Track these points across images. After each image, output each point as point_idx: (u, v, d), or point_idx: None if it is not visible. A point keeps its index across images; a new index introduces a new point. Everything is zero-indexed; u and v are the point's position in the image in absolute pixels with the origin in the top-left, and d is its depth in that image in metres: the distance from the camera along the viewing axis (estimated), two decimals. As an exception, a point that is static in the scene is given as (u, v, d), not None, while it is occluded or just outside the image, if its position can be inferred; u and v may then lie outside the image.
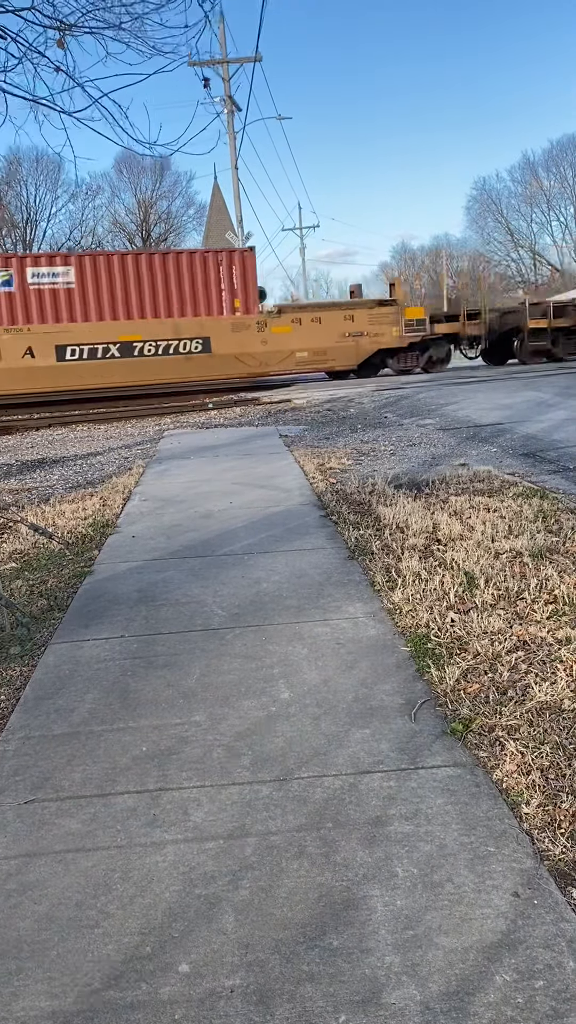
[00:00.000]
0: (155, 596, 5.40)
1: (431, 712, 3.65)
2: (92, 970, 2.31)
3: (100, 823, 2.99)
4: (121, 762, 3.39)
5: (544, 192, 72.36)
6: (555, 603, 4.77)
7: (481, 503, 7.25)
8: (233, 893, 2.58)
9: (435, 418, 14.21)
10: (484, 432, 12.21)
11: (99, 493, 9.10)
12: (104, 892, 2.63)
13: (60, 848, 2.86)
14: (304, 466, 9.82)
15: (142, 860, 2.77)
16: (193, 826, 2.94)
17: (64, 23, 6.75)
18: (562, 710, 3.58)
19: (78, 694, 4.04)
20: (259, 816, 2.97)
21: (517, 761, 3.20)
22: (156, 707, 3.85)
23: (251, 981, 2.23)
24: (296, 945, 2.35)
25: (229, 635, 4.66)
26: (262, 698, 3.87)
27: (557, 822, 2.84)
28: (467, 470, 9.07)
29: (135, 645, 4.60)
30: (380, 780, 3.15)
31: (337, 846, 2.78)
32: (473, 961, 2.26)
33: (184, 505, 8.16)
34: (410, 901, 2.50)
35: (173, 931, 2.44)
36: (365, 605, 4.99)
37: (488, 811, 2.93)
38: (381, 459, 10.42)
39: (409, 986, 2.18)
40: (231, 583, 5.58)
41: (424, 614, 4.69)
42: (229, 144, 34.26)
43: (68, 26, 6.76)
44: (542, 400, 15.57)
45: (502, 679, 3.90)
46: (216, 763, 3.34)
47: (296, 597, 5.21)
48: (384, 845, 2.77)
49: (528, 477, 8.70)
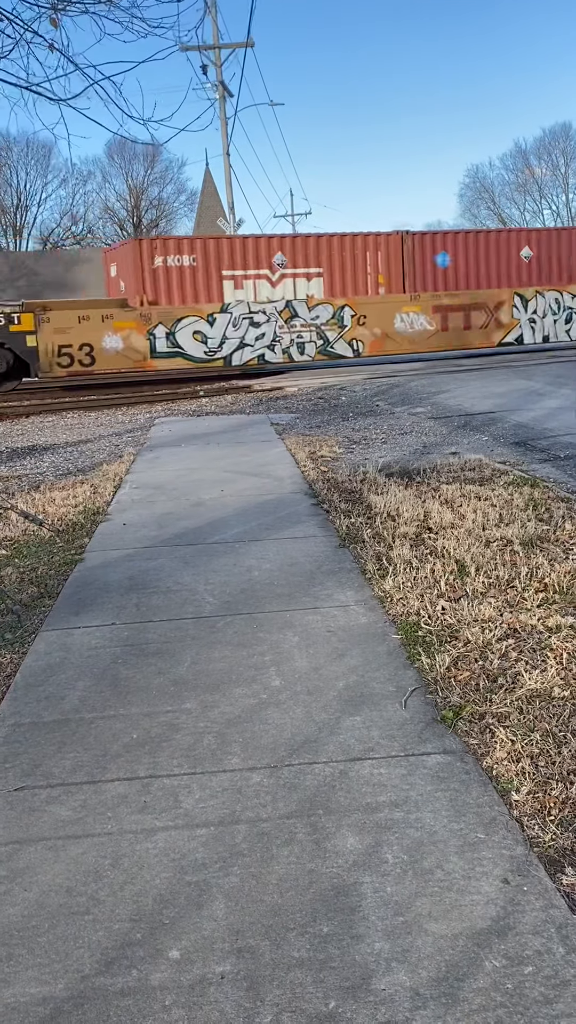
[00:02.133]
0: (146, 584, 5.39)
1: (422, 700, 3.66)
2: (82, 956, 2.31)
3: (90, 810, 2.99)
4: (112, 749, 3.39)
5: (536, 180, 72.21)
6: (545, 591, 4.78)
7: (472, 491, 7.26)
8: (223, 880, 2.59)
9: (427, 406, 14.20)
10: (476, 420, 12.21)
11: (90, 480, 9.07)
12: (94, 879, 2.63)
13: (50, 835, 2.86)
14: (295, 454, 9.81)
15: (132, 847, 2.77)
16: (184, 813, 2.94)
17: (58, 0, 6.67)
18: (552, 698, 3.59)
19: (68, 681, 4.03)
20: (249, 803, 2.97)
21: (507, 748, 3.21)
22: (147, 694, 3.85)
23: (241, 967, 2.23)
24: (286, 931, 2.35)
25: (220, 623, 4.66)
26: (253, 686, 3.87)
27: (547, 809, 2.85)
28: (458, 458, 9.08)
29: (126, 633, 4.60)
30: (371, 767, 3.15)
31: (327, 833, 2.78)
32: (463, 947, 2.27)
33: (175, 493, 8.14)
34: (400, 888, 2.51)
35: (163, 917, 2.44)
36: (356, 593, 4.99)
37: (478, 798, 2.93)
38: (372, 447, 10.42)
39: (399, 972, 2.19)
40: (222, 571, 5.57)
41: (415, 602, 4.69)
42: (221, 130, 34.06)
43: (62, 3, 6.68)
44: (534, 389, 15.58)
45: (492, 667, 3.91)
46: (207, 750, 3.34)
47: (287, 585, 5.21)
48: (374, 832, 2.77)
49: (519, 466, 8.71)
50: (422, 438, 10.94)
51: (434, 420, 12.54)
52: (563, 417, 12.01)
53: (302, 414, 14.28)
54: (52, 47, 6.83)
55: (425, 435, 11.17)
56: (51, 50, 6.83)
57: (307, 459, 9.43)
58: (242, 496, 7.79)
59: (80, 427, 14.97)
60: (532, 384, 16.36)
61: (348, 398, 16.32)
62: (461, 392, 15.85)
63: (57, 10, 6.71)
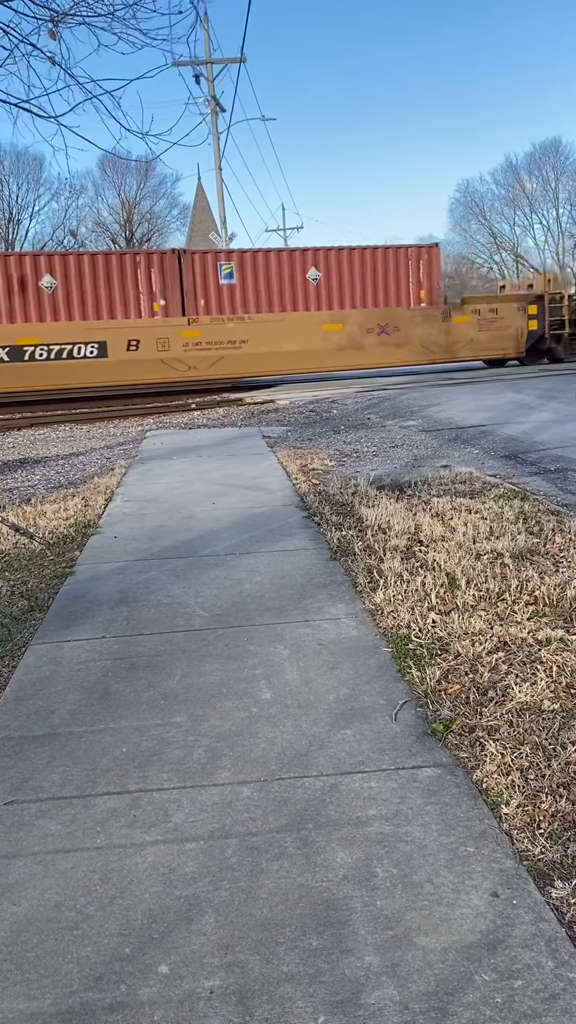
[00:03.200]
0: (137, 597, 5.39)
1: (412, 713, 3.66)
2: (71, 971, 2.30)
3: (80, 824, 2.98)
4: (101, 763, 3.38)
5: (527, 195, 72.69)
6: (535, 604, 4.79)
7: (463, 504, 7.28)
8: (213, 894, 2.58)
9: (418, 419, 14.25)
10: (466, 434, 12.26)
11: (81, 493, 9.07)
12: (83, 893, 2.62)
13: (39, 849, 2.85)
14: (287, 467, 9.83)
15: (122, 861, 2.76)
16: (173, 827, 2.93)
17: (56, 12, 6.71)
18: (542, 711, 3.59)
19: (59, 695, 4.02)
20: (240, 817, 2.97)
21: (497, 761, 3.21)
22: (137, 708, 3.84)
23: (231, 982, 2.23)
24: (276, 946, 2.35)
25: (211, 636, 4.65)
26: (243, 699, 3.87)
27: (536, 822, 2.86)
28: (449, 472, 9.10)
29: (116, 646, 4.59)
30: (361, 781, 3.15)
31: (317, 847, 2.78)
32: (452, 961, 2.26)
33: (166, 506, 8.14)
34: (390, 902, 2.50)
35: (153, 932, 2.43)
36: (347, 606, 5.00)
37: (468, 811, 2.94)
38: (364, 460, 10.44)
39: (389, 987, 2.18)
40: (213, 584, 5.57)
41: (406, 615, 4.70)
42: (213, 145, 34.23)
43: (60, 15, 6.72)
44: (524, 402, 15.64)
45: (483, 680, 3.91)
46: (197, 764, 3.33)
47: (278, 598, 5.21)
48: (364, 846, 2.77)
49: (510, 479, 8.74)
50: (413, 451, 10.97)
51: (425, 433, 12.58)
52: (553, 431, 12.06)
53: (293, 427, 14.31)
54: (52, 60, 6.87)
55: (416, 448, 11.20)
56: (51, 63, 6.87)
57: (298, 472, 9.45)
58: (233, 509, 7.80)
59: (72, 440, 14.97)
60: (523, 397, 16.42)
61: (339, 411, 16.36)
62: (452, 405, 15.91)
63: (56, 22, 6.76)
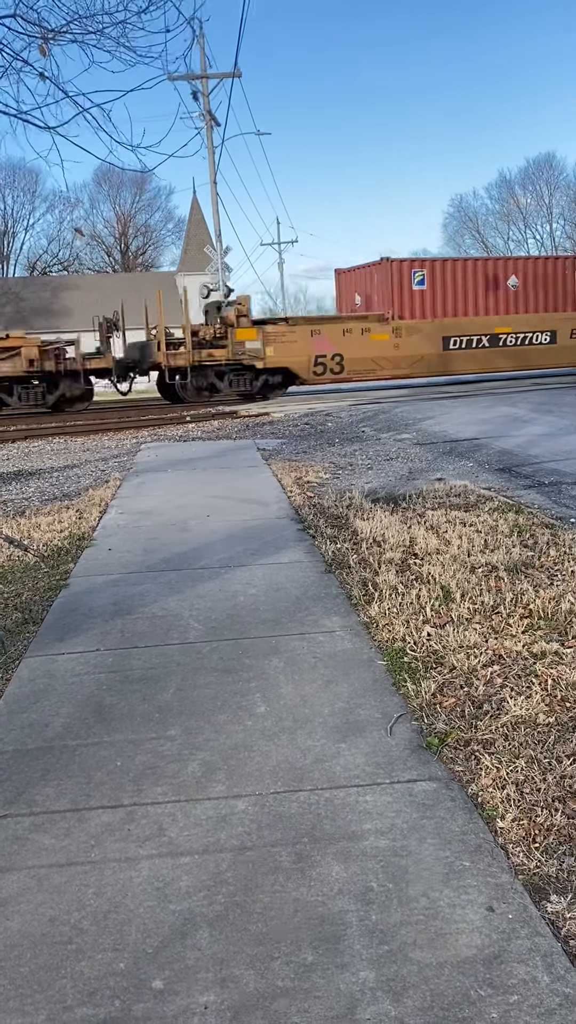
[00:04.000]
0: (131, 609, 5.38)
1: (407, 726, 3.65)
2: (64, 987, 2.29)
3: (74, 838, 2.97)
4: (96, 777, 3.37)
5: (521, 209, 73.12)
6: (530, 617, 4.79)
7: (457, 517, 7.29)
8: (208, 909, 2.57)
9: (412, 432, 14.28)
10: (461, 447, 12.28)
11: (75, 506, 9.06)
12: (78, 908, 2.60)
13: (33, 864, 2.83)
14: (282, 480, 9.83)
15: (116, 876, 2.75)
16: (168, 841, 2.92)
17: (47, 29, 6.75)
18: (537, 724, 3.59)
19: (53, 708, 4.01)
20: (234, 831, 2.96)
21: (492, 775, 3.21)
22: (131, 722, 3.83)
23: (225, 997, 2.21)
24: (271, 960, 2.34)
25: (206, 649, 4.65)
26: (238, 712, 3.86)
27: (532, 836, 2.85)
28: (444, 484, 9.12)
29: (110, 659, 4.58)
30: (356, 794, 3.14)
31: (312, 861, 2.77)
32: (448, 976, 2.25)
33: (161, 518, 8.14)
34: (385, 916, 2.49)
35: (147, 947, 2.42)
36: (342, 619, 5.00)
37: (463, 825, 2.93)
38: (358, 473, 10.46)
39: (384, 1002, 2.17)
40: (208, 596, 5.56)
41: (400, 628, 4.70)
42: (208, 159, 34.34)
43: (52, 33, 6.76)
44: (518, 416, 15.69)
45: (478, 693, 3.91)
46: (191, 778, 3.32)
47: (273, 611, 5.21)
48: (359, 860, 2.76)
49: (504, 492, 8.75)
50: (408, 464, 10.99)
51: (419, 446, 12.61)
52: (547, 444, 12.09)
53: (288, 440, 14.32)
54: (43, 76, 6.90)
55: (411, 461, 11.22)
56: (41, 79, 6.90)
57: (293, 484, 9.45)
58: (228, 521, 7.80)
59: (66, 452, 14.97)
60: (516, 411, 16.47)
61: (334, 424, 16.39)
62: (446, 418, 15.95)
63: (47, 39, 6.80)
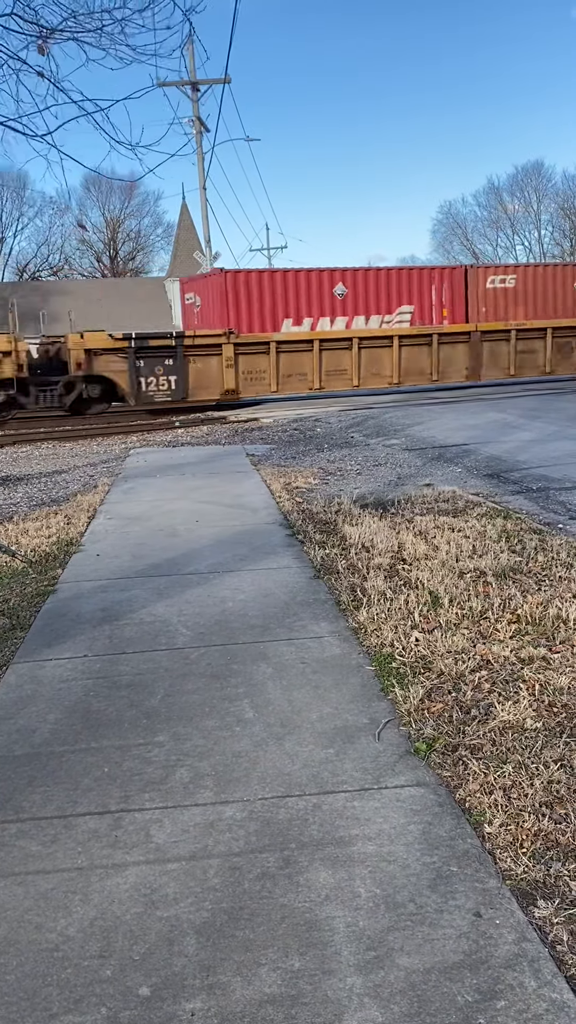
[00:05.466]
0: (119, 615, 5.37)
1: (395, 732, 3.66)
2: (51, 994, 2.28)
3: (61, 845, 2.96)
4: (83, 783, 3.36)
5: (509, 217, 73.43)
6: (518, 622, 4.80)
7: (446, 523, 7.30)
8: (195, 915, 2.56)
9: (401, 438, 14.30)
10: (449, 452, 12.31)
11: (64, 511, 9.04)
12: (64, 915, 2.59)
13: (20, 870, 2.82)
14: (271, 485, 9.83)
15: (103, 882, 2.74)
16: (155, 848, 2.91)
17: (46, 28, 6.74)
18: (524, 729, 3.60)
19: (40, 714, 3.99)
20: (222, 837, 2.95)
21: (480, 780, 3.21)
22: (119, 728, 3.82)
23: (212, 1004, 2.21)
24: (258, 967, 2.33)
25: (193, 654, 4.64)
26: (226, 718, 3.86)
27: (519, 841, 2.86)
28: (432, 490, 9.13)
29: (98, 665, 4.57)
30: (344, 800, 3.14)
31: (300, 867, 2.77)
32: (435, 982, 2.25)
33: (149, 524, 8.12)
34: (372, 922, 2.49)
35: (134, 954, 2.41)
36: (330, 624, 5.00)
37: (451, 831, 2.93)
38: (347, 479, 10.47)
39: (371, 1008, 2.17)
40: (196, 602, 5.56)
41: (389, 633, 4.70)
42: (198, 164, 34.42)
43: (49, 31, 6.76)
44: (507, 421, 15.73)
45: (466, 698, 3.92)
46: (179, 784, 3.31)
47: (261, 616, 5.21)
48: (347, 866, 2.76)
49: (492, 497, 8.77)
50: (396, 470, 11.01)
51: (408, 452, 12.63)
52: (535, 450, 12.13)
53: (277, 445, 14.33)
54: (41, 75, 6.90)
55: (399, 467, 11.24)
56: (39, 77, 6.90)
57: (282, 490, 9.46)
58: (217, 527, 7.79)
59: (55, 457, 14.93)
60: (505, 416, 16.52)
61: (323, 429, 16.40)
62: (435, 424, 15.98)
63: (45, 38, 6.79)
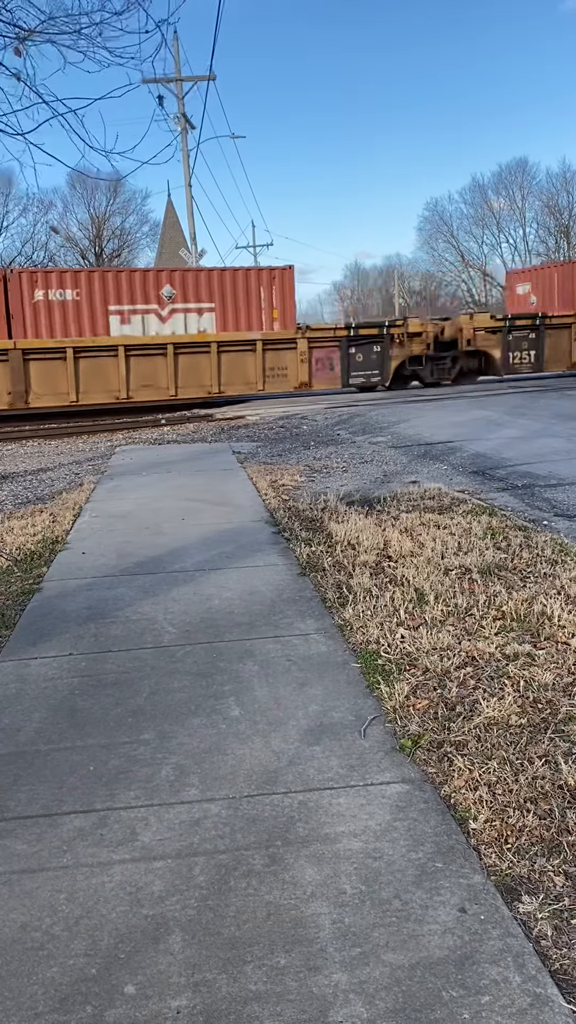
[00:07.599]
0: (105, 613, 5.36)
1: (381, 728, 3.66)
2: (36, 993, 2.27)
3: (46, 844, 2.95)
4: (68, 782, 3.35)
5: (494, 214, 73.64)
6: (503, 619, 4.82)
7: (431, 520, 7.32)
8: (181, 913, 2.56)
9: (387, 436, 14.32)
10: (435, 450, 12.34)
11: (49, 509, 9.01)
12: (49, 914, 2.59)
13: (4, 869, 2.81)
14: (257, 483, 9.83)
15: (88, 881, 2.74)
16: (141, 846, 2.91)
17: (23, 29, 6.71)
18: (509, 725, 3.61)
19: (25, 713, 3.98)
20: (208, 835, 2.95)
21: (465, 777, 3.22)
22: (104, 726, 3.81)
23: (198, 1002, 2.21)
24: (243, 964, 2.34)
25: (179, 652, 4.63)
26: (212, 716, 3.86)
27: (504, 837, 2.87)
28: (418, 487, 9.15)
29: (84, 663, 4.56)
30: (329, 797, 3.15)
31: (286, 864, 2.77)
32: (420, 978, 2.26)
33: (135, 522, 8.11)
34: (358, 918, 2.50)
35: (119, 952, 2.41)
36: (316, 622, 5.00)
37: (436, 827, 2.94)
38: (333, 476, 10.48)
39: (356, 1004, 2.18)
40: (182, 600, 5.55)
41: (375, 630, 4.71)
42: (183, 162, 34.35)
43: (27, 32, 6.72)
44: (492, 419, 15.77)
45: (451, 695, 3.93)
46: (165, 782, 3.31)
47: (247, 614, 5.21)
48: (333, 863, 2.77)
49: (478, 495, 8.80)
50: (382, 467, 11.02)
51: (394, 449, 12.65)
52: (520, 447, 12.17)
53: (264, 443, 14.33)
54: (17, 77, 6.87)
55: (385, 464, 11.25)
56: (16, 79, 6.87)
57: (268, 488, 9.46)
58: (203, 525, 7.79)
59: (40, 455, 14.88)
60: (490, 414, 16.56)
61: (309, 427, 16.41)
62: (421, 422, 16.01)
63: (23, 40, 6.76)
